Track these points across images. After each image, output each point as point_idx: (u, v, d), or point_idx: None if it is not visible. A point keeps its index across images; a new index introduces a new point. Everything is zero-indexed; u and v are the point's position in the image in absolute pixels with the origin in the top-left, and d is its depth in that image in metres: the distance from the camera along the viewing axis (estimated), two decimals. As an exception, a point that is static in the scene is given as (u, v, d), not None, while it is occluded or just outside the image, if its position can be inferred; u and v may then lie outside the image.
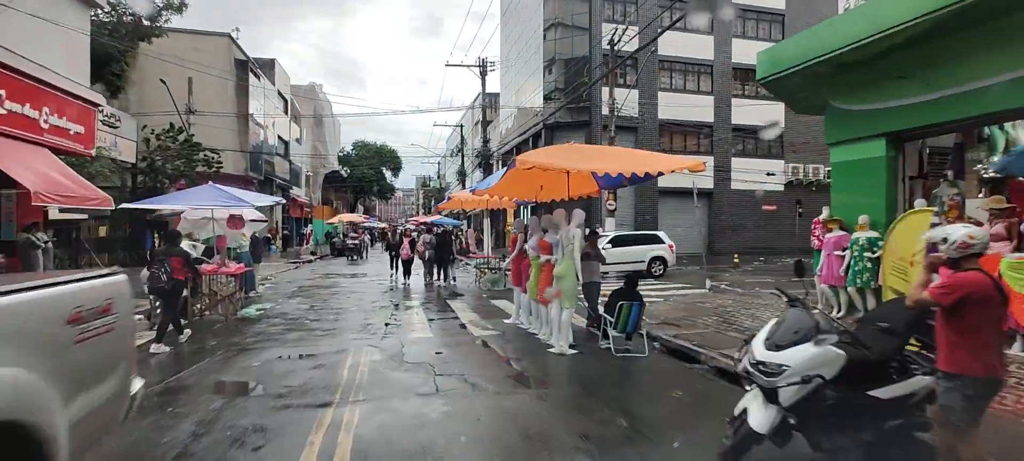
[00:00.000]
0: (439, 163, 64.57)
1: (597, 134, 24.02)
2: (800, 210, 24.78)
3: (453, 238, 18.61)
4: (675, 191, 24.92)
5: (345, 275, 17.82)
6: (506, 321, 8.78)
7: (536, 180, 8.46)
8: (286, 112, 37.74)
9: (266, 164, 29.98)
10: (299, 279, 16.51)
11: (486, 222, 35.95)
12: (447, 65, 23.43)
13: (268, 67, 32.91)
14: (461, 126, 34.29)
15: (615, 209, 21.29)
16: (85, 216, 15.79)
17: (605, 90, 23.27)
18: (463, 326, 8.54)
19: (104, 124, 18.35)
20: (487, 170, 22.49)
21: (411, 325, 8.63)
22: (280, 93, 35.57)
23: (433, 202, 78.77)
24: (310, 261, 25.17)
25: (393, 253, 18.96)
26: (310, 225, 41.46)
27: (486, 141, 22.50)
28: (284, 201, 14.03)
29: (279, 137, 34.87)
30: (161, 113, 21.59)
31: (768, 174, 24.61)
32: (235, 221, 9.87)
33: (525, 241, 8.73)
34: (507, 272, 13.21)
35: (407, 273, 15.49)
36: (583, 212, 7.32)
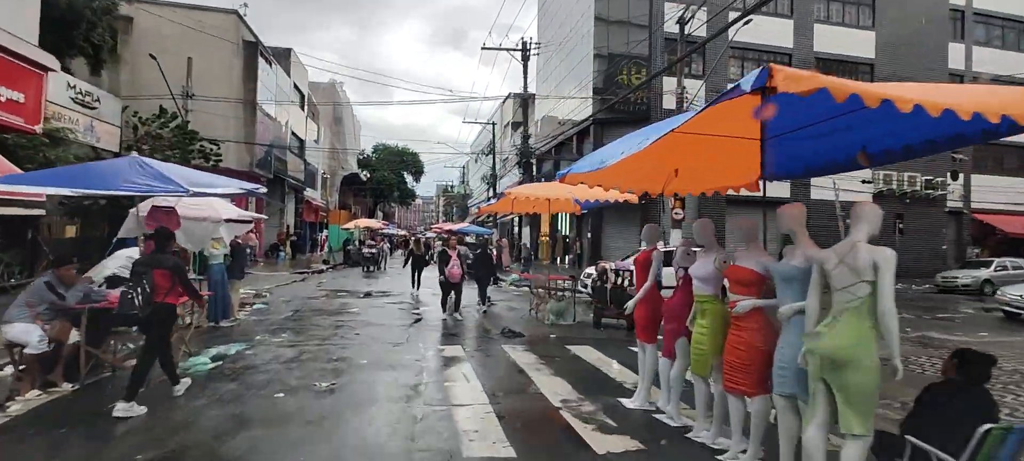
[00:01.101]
0: (463, 168, 61.48)
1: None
2: (900, 226, 20.87)
3: (494, 251, 15.16)
4: (745, 200, 21.17)
5: (358, 294, 14.44)
6: (626, 403, 5.20)
7: (674, 159, 4.79)
8: (302, 108, 34.93)
9: (277, 161, 27.03)
10: (300, 297, 13.18)
11: (525, 230, 32.62)
12: (484, 48, 20.12)
13: (283, 57, 30.07)
14: (493, 124, 30.97)
15: (683, 218, 17.64)
16: (41, 211, 12.64)
17: (667, 80, 19.73)
18: (555, 410, 4.98)
19: (78, 103, 15.40)
20: (527, 171, 19.03)
21: (460, 402, 5.14)
22: (296, 87, 32.74)
23: (455, 209, 75.91)
24: (321, 271, 21.98)
25: (417, 269, 15.67)
26: (325, 230, 38.51)
27: (527, 137, 19.04)
28: (263, 189, 10.51)
29: (293, 133, 31.96)
30: (154, 97, 18.62)
31: (863, 182, 20.71)
32: (161, 216, 6.46)
33: (659, 265, 5.22)
34: (596, 306, 9.88)
35: (457, 303, 10.67)
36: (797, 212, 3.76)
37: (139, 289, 4.62)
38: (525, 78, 19.78)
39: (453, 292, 10.50)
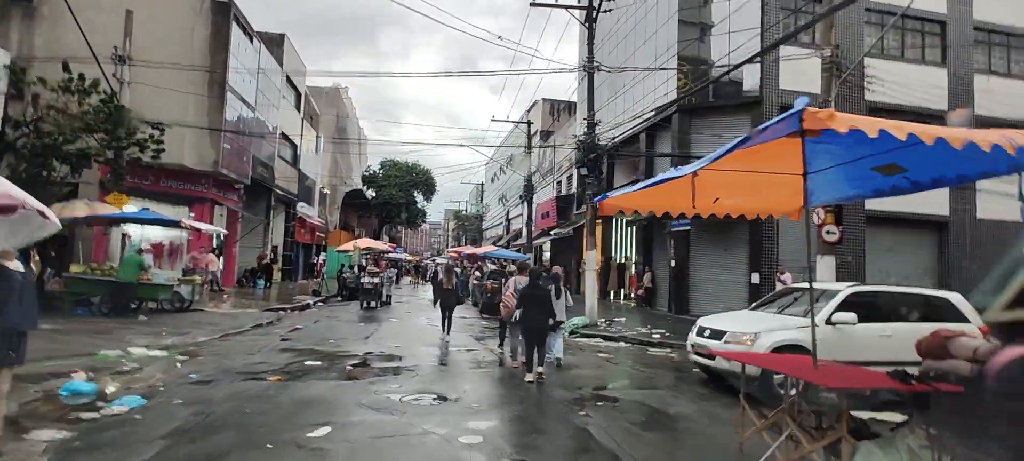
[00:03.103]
0: (482, 185, 55.96)
1: (768, 117, 14.82)
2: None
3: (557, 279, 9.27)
4: (894, 218, 15.34)
5: (345, 359, 8.58)
6: None
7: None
8: (298, 109, 29.66)
9: (261, 166, 21.55)
10: (234, 371, 7.29)
11: (547, 255, 26.48)
12: (532, 4, 14.61)
13: (275, 44, 24.82)
14: (528, 123, 25.43)
15: (839, 240, 11.79)
16: None
17: (781, 56, 14.12)
18: None
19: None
20: (591, 168, 13.28)
21: None
22: (290, 81, 27.52)
23: (465, 234, 69.95)
24: (305, 307, 16.20)
25: (448, 308, 10.29)
26: (323, 253, 32.79)
27: (593, 126, 13.38)
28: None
29: (283, 135, 26.58)
30: (81, 60, 13.12)
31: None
32: None
33: None
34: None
35: (541, 358, 7.09)
36: None
37: None
38: (591, 44, 14.24)
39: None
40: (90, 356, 7.55)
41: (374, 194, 48.03)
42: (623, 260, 22.24)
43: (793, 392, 4.63)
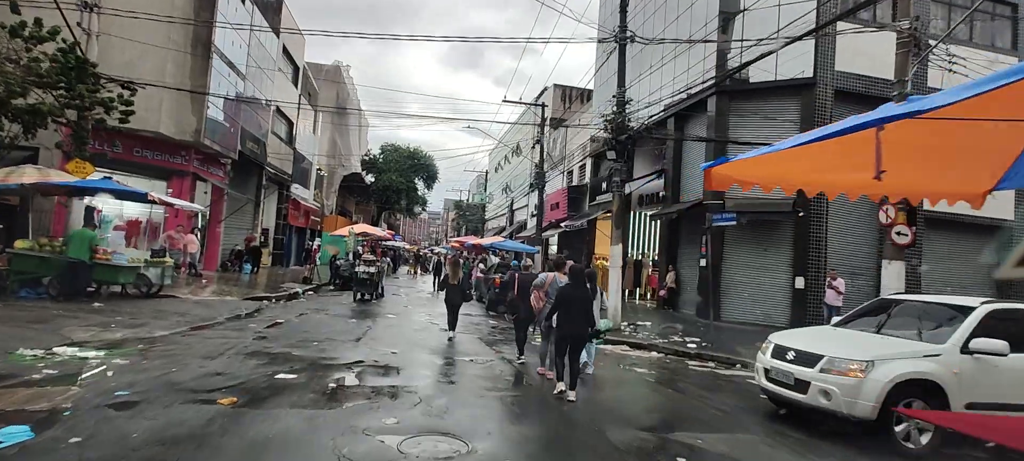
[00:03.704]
0: (486, 173, 54.24)
1: (823, 101, 13.06)
2: None
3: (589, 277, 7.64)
4: (953, 221, 13.69)
5: (331, 368, 6.93)
6: None
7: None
8: (295, 84, 27.86)
9: (250, 141, 19.80)
10: (187, 376, 5.69)
11: (552, 249, 24.18)
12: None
13: (271, 10, 22.96)
14: (542, 105, 23.62)
15: (911, 243, 10.13)
16: None
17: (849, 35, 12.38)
18: None
19: None
20: (621, 151, 11.56)
21: None
22: (287, 52, 25.71)
23: (464, 223, 67.99)
24: (294, 296, 14.53)
25: (453, 304, 8.89)
26: (318, 239, 31.07)
27: (624, 104, 11.66)
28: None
29: (278, 110, 24.80)
30: (45, 4, 11.34)
31: None
32: None
33: None
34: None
35: (574, 374, 6.01)
36: None
37: None
38: (624, 10, 12.49)
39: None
40: (5, 356, 5.90)
41: (373, 179, 46.33)
42: (639, 257, 20.59)
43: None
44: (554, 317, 6.56)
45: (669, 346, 10.66)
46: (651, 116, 15.47)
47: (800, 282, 12.83)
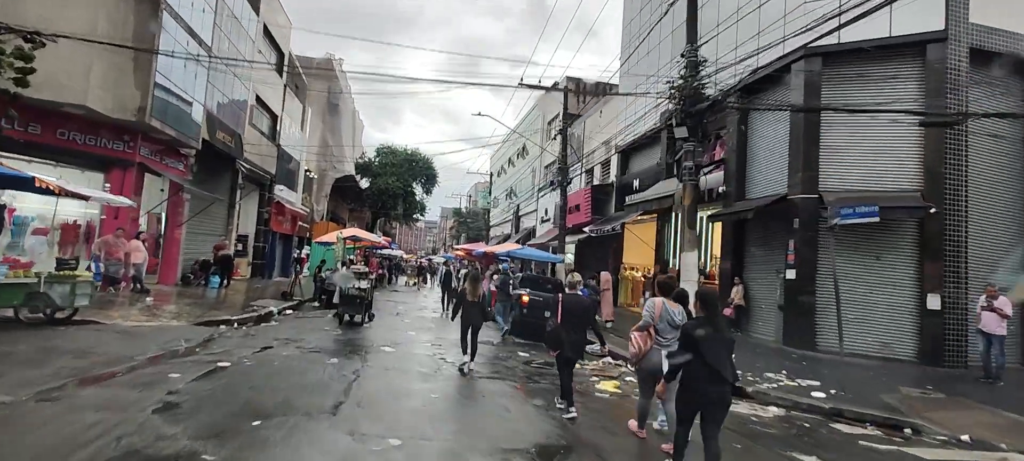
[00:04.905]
0: (491, 175, 51.10)
1: (955, 63, 9.99)
2: None
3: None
4: None
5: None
6: None
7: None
8: (280, 73, 24.68)
9: (221, 130, 16.57)
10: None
11: (568, 257, 20.88)
12: None
13: (251, -14, 19.82)
14: (565, 89, 20.45)
15: None
16: None
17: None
18: None
19: None
20: (693, 127, 8.26)
21: None
22: (269, 34, 22.54)
23: (465, 230, 64.63)
24: (265, 319, 11.23)
25: (471, 325, 5.94)
26: (307, 247, 27.72)
27: (697, 66, 8.42)
28: None
29: (259, 100, 21.62)
30: None
31: None
32: None
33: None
34: None
35: None
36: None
37: None
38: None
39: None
40: None
41: (368, 183, 43.12)
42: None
43: None
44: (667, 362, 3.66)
45: (787, 399, 7.46)
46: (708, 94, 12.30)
47: (934, 301, 9.65)
